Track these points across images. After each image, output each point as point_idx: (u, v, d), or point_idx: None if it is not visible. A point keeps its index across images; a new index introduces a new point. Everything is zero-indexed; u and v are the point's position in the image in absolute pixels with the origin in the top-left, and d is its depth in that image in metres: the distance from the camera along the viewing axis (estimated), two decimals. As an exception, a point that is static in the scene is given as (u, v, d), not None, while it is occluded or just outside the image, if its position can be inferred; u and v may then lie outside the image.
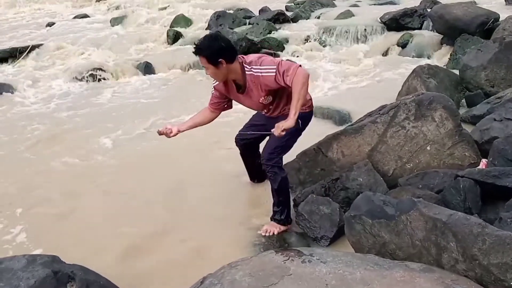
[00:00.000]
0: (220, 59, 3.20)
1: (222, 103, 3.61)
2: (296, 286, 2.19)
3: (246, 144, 3.94)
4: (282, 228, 3.55)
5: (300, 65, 3.23)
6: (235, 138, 3.97)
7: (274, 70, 3.20)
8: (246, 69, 3.30)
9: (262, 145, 3.69)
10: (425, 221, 2.46)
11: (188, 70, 8.63)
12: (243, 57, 3.36)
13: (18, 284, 2.38)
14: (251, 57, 3.36)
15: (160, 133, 3.53)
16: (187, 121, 3.71)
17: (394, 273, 2.26)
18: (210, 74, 3.34)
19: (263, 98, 3.41)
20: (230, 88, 3.48)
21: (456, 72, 6.10)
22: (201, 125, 3.68)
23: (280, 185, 3.47)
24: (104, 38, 10.91)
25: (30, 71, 8.74)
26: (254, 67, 3.27)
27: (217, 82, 3.48)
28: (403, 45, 8.74)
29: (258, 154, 3.86)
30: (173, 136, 3.52)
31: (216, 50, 3.20)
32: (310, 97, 3.65)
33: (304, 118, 3.53)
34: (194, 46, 3.27)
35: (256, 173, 4.17)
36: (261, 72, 3.25)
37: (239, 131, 3.95)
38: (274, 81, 3.22)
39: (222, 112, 3.69)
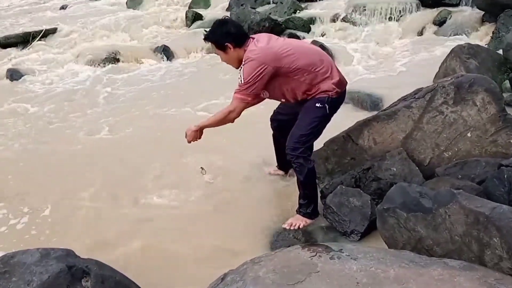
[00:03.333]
0: (226, 43, 3.34)
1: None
2: (324, 284, 2.16)
3: (281, 124, 3.86)
4: (308, 221, 3.53)
5: (246, 100, 3.36)
6: (271, 117, 3.94)
7: (239, 81, 3.32)
8: (243, 61, 3.35)
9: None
10: (466, 214, 2.40)
11: (209, 53, 8.63)
12: (253, 41, 3.38)
13: (31, 279, 2.40)
14: (253, 50, 3.32)
15: (189, 141, 3.63)
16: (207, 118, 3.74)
17: (431, 271, 2.21)
18: (222, 60, 3.50)
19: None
20: None
21: (499, 51, 5.95)
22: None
23: (306, 177, 3.43)
24: (119, 20, 10.99)
25: (43, 56, 8.87)
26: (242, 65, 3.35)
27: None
28: (440, 23, 8.55)
29: None
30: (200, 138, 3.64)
31: (222, 34, 3.36)
32: (340, 77, 3.55)
33: (332, 103, 3.47)
34: (204, 32, 3.46)
35: (285, 160, 4.13)
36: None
37: (274, 110, 3.92)
38: None
39: None
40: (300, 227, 3.49)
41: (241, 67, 3.32)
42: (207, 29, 3.48)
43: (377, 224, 2.86)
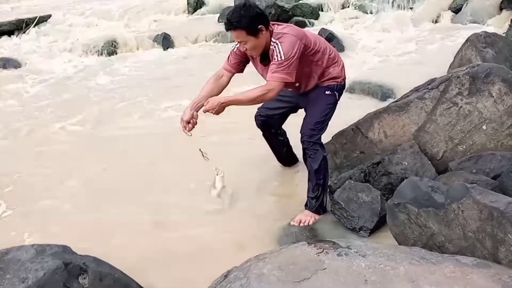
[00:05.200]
0: (260, 26, 3.25)
1: (241, 63, 3.61)
2: (331, 281, 2.18)
3: (267, 122, 3.93)
4: (317, 217, 3.56)
5: (287, 80, 3.30)
6: (255, 116, 3.97)
7: (278, 58, 3.26)
8: (272, 41, 3.33)
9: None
10: (480, 210, 2.42)
11: (212, 42, 8.64)
12: (274, 24, 3.40)
13: (26, 276, 2.42)
14: (280, 28, 3.36)
15: (189, 131, 3.47)
16: (199, 96, 3.57)
17: (443, 268, 2.23)
18: (249, 48, 3.34)
19: None
20: (255, 58, 3.50)
21: (518, 40, 5.93)
22: (216, 95, 3.61)
23: (320, 165, 3.50)
24: (117, 7, 11.01)
25: (38, 44, 8.91)
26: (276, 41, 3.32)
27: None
28: (456, 10, 8.55)
29: (282, 132, 4.00)
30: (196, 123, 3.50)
31: (253, 17, 3.24)
32: (343, 65, 3.67)
33: (340, 91, 3.63)
34: (227, 21, 3.28)
35: (284, 155, 4.20)
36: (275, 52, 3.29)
37: (258, 108, 3.93)
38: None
39: None
40: (310, 223, 3.51)
41: (275, 45, 3.27)
42: (228, 17, 3.28)
43: (387, 220, 2.88)
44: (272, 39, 3.31)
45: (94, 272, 2.54)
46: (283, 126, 4.03)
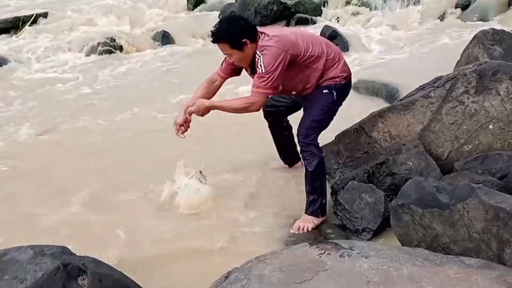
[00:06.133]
0: (243, 40, 3.32)
1: (233, 69, 3.69)
2: (333, 282, 2.21)
3: (273, 112, 3.97)
4: (316, 222, 3.57)
5: (269, 94, 3.41)
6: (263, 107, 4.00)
7: (259, 71, 3.33)
8: (256, 53, 3.38)
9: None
10: (485, 210, 2.44)
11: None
12: (263, 33, 3.43)
13: (24, 277, 2.45)
14: (266, 39, 3.38)
15: (182, 133, 3.61)
16: (192, 98, 3.69)
17: (447, 270, 2.25)
18: (235, 60, 3.47)
19: None
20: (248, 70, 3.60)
21: (527, 37, 5.92)
22: (208, 99, 3.72)
23: (316, 167, 3.50)
24: (115, 4, 11.02)
25: (34, 43, 8.93)
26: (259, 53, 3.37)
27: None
28: (463, 6, 8.57)
29: (288, 127, 4.04)
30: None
31: (237, 31, 3.34)
32: (346, 64, 3.68)
33: (339, 90, 3.60)
34: (211, 34, 3.39)
35: (286, 151, 4.22)
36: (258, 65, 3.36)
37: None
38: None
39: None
40: (309, 229, 3.52)
41: (258, 57, 3.34)
42: (212, 29, 3.40)
43: (390, 221, 2.90)
44: (257, 51, 3.36)
45: (94, 273, 2.56)
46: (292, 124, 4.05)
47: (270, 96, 3.46)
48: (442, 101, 3.71)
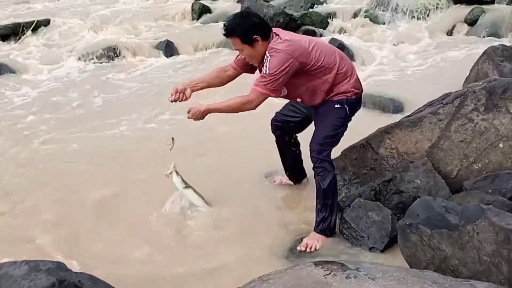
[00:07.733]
0: (255, 36, 3.33)
1: (246, 64, 3.66)
2: (339, 305, 2.18)
3: (282, 127, 3.94)
4: (324, 240, 3.53)
5: (267, 95, 3.39)
6: (271, 120, 3.99)
7: (264, 71, 3.34)
8: (266, 54, 3.38)
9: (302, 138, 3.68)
10: (496, 232, 2.42)
11: (217, 49, 8.67)
12: (277, 34, 3.42)
13: (19, 292, 2.44)
14: (278, 42, 3.38)
15: (173, 101, 3.65)
16: (200, 78, 3.77)
17: (456, 294, 2.22)
18: (245, 56, 3.48)
19: None
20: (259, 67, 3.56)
21: (538, 54, 5.93)
22: (216, 86, 3.76)
23: (329, 185, 3.48)
24: (118, 12, 11.06)
25: (35, 50, 8.95)
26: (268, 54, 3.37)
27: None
28: (472, 22, 8.57)
29: (296, 143, 4.01)
30: (187, 100, 3.64)
31: (249, 26, 3.35)
32: (358, 79, 3.65)
33: (351, 105, 3.57)
34: (224, 27, 3.40)
35: (293, 168, 4.19)
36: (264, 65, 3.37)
37: (276, 112, 3.98)
38: None
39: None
40: (317, 248, 3.48)
41: (266, 58, 3.33)
42: (225, 23, 3.42)
43: (398, 241, 2.88)
44: (267, 52, 3.37)
45: (90, 290, 2.54)
46: (300, 139, 4.03)
47: (267, 97, 3.41)
48: (451, 118, 3.71)
